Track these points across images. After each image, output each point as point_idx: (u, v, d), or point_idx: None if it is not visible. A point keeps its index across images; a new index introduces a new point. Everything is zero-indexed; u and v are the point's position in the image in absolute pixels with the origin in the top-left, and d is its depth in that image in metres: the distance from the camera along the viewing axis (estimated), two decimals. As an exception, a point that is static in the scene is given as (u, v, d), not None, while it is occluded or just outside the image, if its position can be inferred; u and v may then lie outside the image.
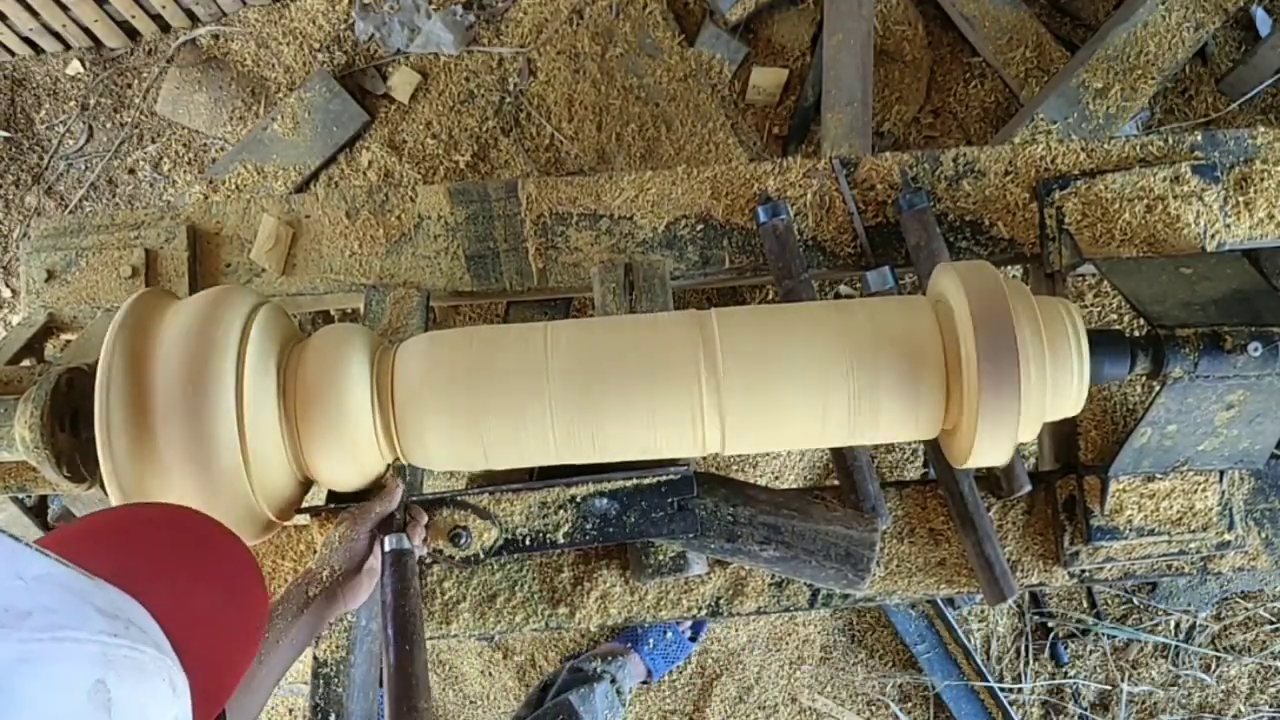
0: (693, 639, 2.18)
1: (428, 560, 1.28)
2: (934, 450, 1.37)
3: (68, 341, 1.61)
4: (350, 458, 1.17)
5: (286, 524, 1.23)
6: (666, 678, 2.24)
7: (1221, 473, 1.43)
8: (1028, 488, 1.47)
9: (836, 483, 1.51)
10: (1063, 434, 1.51)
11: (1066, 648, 2.19)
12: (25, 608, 0.58)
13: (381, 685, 1.36)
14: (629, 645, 2.13)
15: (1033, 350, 1.11)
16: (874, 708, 2.23)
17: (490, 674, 2.27)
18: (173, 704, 0.65)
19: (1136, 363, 1.24)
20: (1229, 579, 2.15)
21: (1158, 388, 1.26)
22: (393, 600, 1.13)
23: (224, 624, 0.79)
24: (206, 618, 0.77)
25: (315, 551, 1.34)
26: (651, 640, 2.13)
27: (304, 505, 1.27)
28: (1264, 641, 2.19)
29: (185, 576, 0.79)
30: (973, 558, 1.46)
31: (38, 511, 1.52)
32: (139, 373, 1.07)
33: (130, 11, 2.34)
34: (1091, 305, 2.14)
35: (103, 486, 1.09)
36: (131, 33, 2.42)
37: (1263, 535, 1.51)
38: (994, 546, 1.43)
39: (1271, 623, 2.18)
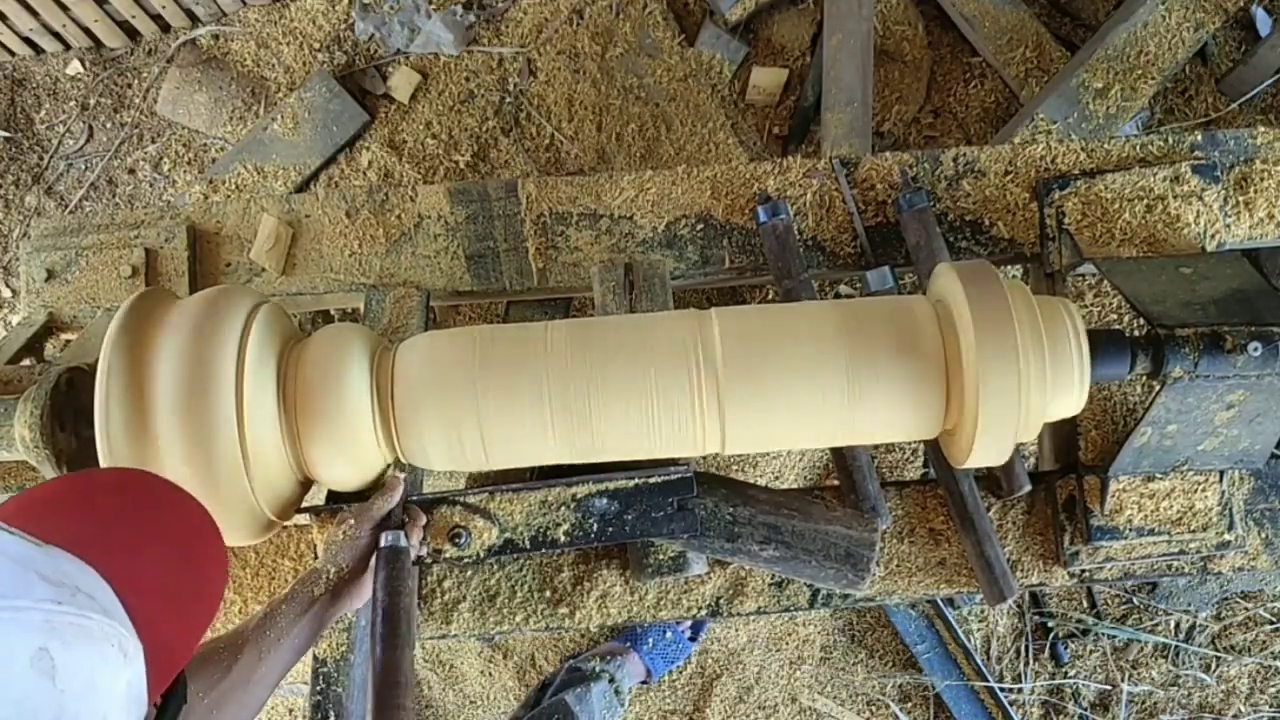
0: (692, 639, 2.18)
1: (427, 560, 1.28)
2: (934, 450, 1.37)
3: (68, 341, 1.61)
4: (350, 457, 1.17)
5: (286, 524, 1.23)
6: (666, 678, 2.24)
7: (1221, 473, 1.43)
8: (1028, 487, 1.47)
9: (836, 483, 1.51)
10: (1063, 434, 1.51)
11: (1066, 648, 2.19)
12: None
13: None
14: (628, 645, 2.12)
15: (1033, 350, 1.11)
16: (874, 708, 2.23)
17: (490, 674, 2.27)
18: (124, 668, 0.65)
19: (1136, 363, 1.24)
20: (1229, 579, 2.15)
21: (1158, 388, 1.26)
22: (385, 598, 1.12)
23: (178, 584, 0.78)
24: (159, 578, 0.76)
25: (315, 551, 1.34)
26: (651, 640, 2.13)
27: (304, 505, 1.27)
28: (1264, 641, 2.19)
29: (136, 537, 0.79)
30: (972, 558, 1.46)
31: (38, 511, 1.52)
32: (139, 372, 1.07)
33: (130, 11, 2.34)
34: (1091, 305, 2.14)
35: (103, 486, 1.09)
36: (131, 33, 2.42)
37: (1263, 535, 1.51)
38: (994, 546, 1.43)
39: (1271, 623, 2.18)
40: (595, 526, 1.28)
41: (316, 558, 1.31)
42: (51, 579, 0.63)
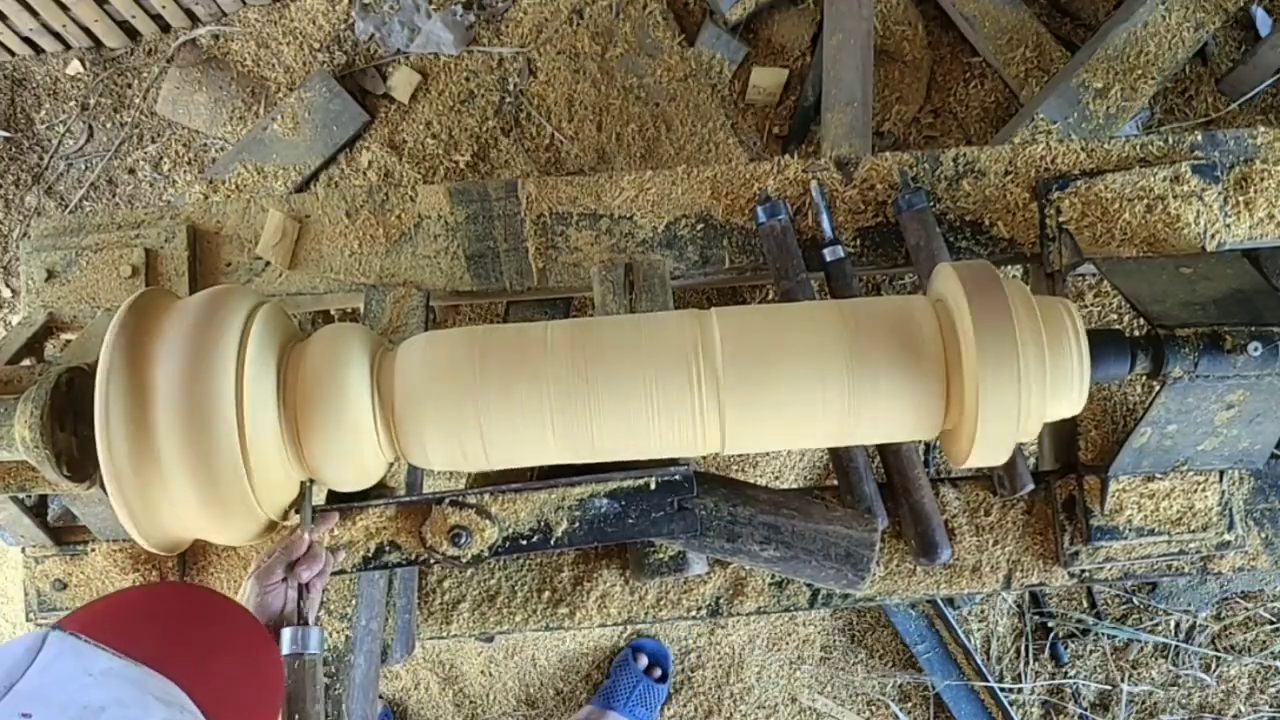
0: (662, 680, 2.18)
1: (429, 560, 1.27)
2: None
3: (68, 341, 1.61)
4: (350, 458, 1.17)
5: (287, 524, 1.23)
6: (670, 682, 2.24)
7: (1221, 473, 1.44)
8: (1030, 486, 1.47)
9: (836, 483, 1.51)
10: (1063, 434, 1.52)
11: (1066, 648, 2.19)
12: (100, 703, 0.63)
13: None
14: (604, 709, 2.11)
15: (1033, 350, 1.11)
16: (874, 708, 2.23)
17: (490, 674, 2.27)
18: None
19: (1136, 363, 1.24)
20: (1229, 579, 2.15)
21: (1158, 388, 1.26)
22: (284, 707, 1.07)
23: (245, 691, 0.83)
24: (229, 687, 0.81)
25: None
26: (622, 694, 2.12)
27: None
28: (1264, 641, 2.19)
29: (206, 650, 0.84)
30: (905, 514, 1.49)
31: (38, 511, 1.52)
32: (139, 372, 1.07)
33: (130, 11, 2.34)
34: (1091, 305, 2.14)
35: (103, 486, 1.09)
36: (131, 33, 2.42)
37: (1263, 535, 1.51)
38: (929, 499, 1.47)
39: (1271, 623, 2.18)
40: (595, 526, 1.28)
41: None
42: (163, 699, 0.68)
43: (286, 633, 1.12)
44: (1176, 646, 2.18)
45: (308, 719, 1.09)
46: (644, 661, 2.17)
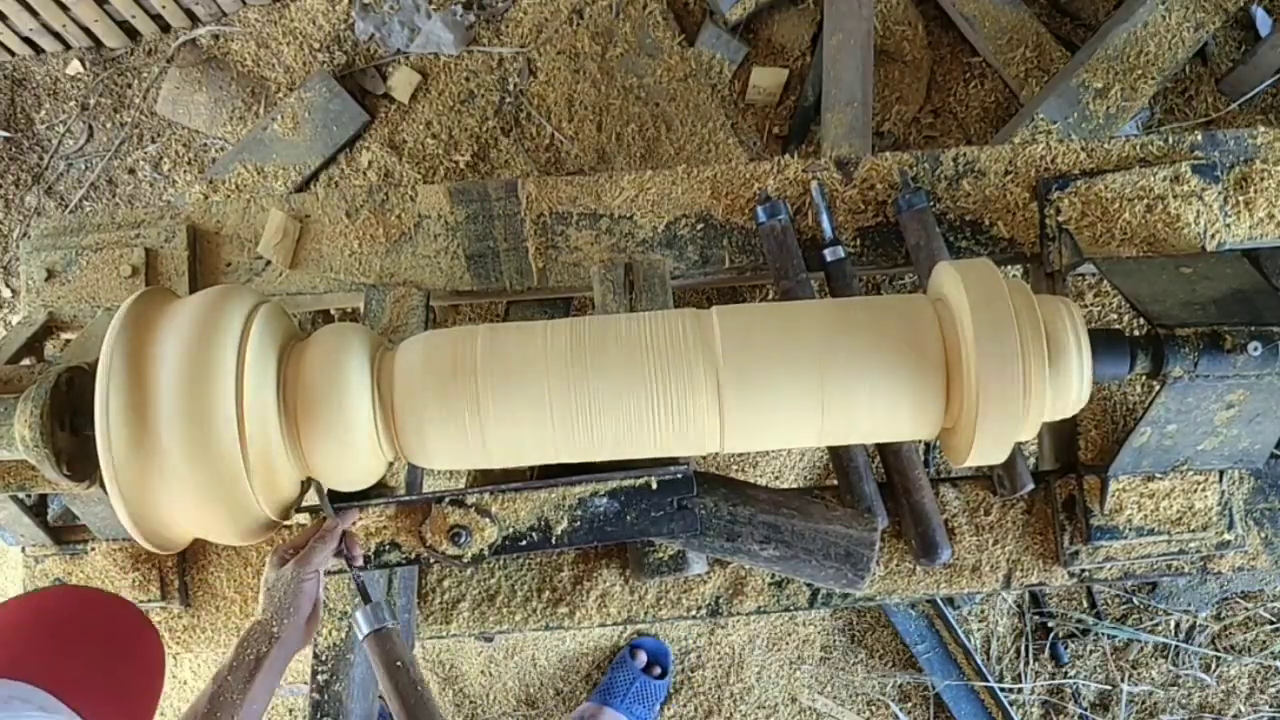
0: (661, 677, 2.18)
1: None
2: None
3: (68, 341, 1.61)
4: (350, 457, 1.17)
5: (287, 524, 1.23)
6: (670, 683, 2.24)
7: (1221, 472, 1.44)
8: (1030, 486, 1.47)
9: (836, 482, 1.52)
10: (1063, 434, 1.52)
11: (1066, 648, 2.19)
12: None
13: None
14: (602, 705, 2.11)
15: (1033, 350, 1.11)
16: (874, 708, 2.23)
17: (490, 674, 2.27)
18: None
19: (1136, 362, 1.24)
20: (1229, 579, 2.15)
21: (1158, 387, 1.26)
22: (389, 682, 1.12)
23: (118, 678, 0.85)
24: (98, 677, 0.83)
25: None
26: (620, 692, 2.12)
27: (304, 505, 1.27)
28: (1264, 641, 2.19)
29: (68, 646, 0.87)
30: (905, 514, 1.49)
31: (38, 511, 1.52)
32: (139, 372, 1.07)
33: (130, 11, 2.34)
34: (1091, 305, 2.14)
35: (103, 486, 1.09)
36: (131, 33, 2.42)
37: (1263, 535, 1.51)
38: (930, 499, 1.47)
39: (1271, 623, 2.18)
40: (595, 526, 1.28)
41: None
42: (43, 706, 0.68)
43: (360, 615, 1.16)
44: (1176, 646, 2.18)
45: (418, 680, 1.13)
46: (642, 659, 2.17)
